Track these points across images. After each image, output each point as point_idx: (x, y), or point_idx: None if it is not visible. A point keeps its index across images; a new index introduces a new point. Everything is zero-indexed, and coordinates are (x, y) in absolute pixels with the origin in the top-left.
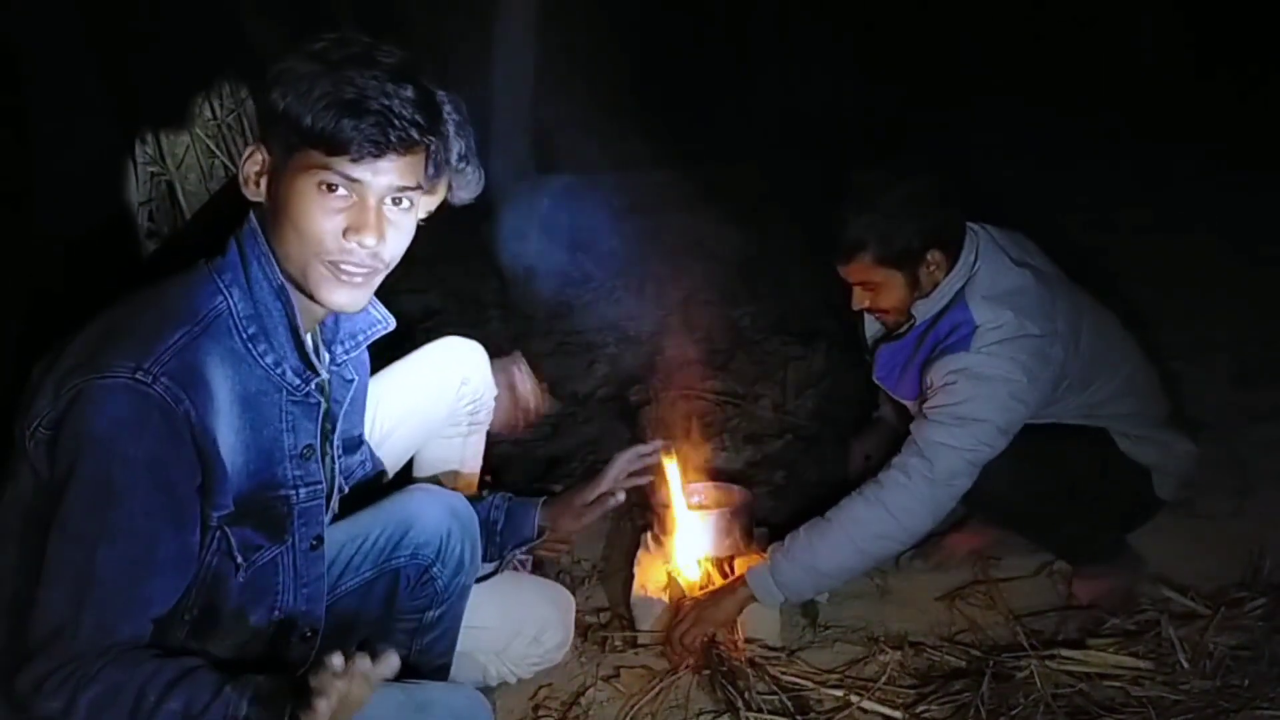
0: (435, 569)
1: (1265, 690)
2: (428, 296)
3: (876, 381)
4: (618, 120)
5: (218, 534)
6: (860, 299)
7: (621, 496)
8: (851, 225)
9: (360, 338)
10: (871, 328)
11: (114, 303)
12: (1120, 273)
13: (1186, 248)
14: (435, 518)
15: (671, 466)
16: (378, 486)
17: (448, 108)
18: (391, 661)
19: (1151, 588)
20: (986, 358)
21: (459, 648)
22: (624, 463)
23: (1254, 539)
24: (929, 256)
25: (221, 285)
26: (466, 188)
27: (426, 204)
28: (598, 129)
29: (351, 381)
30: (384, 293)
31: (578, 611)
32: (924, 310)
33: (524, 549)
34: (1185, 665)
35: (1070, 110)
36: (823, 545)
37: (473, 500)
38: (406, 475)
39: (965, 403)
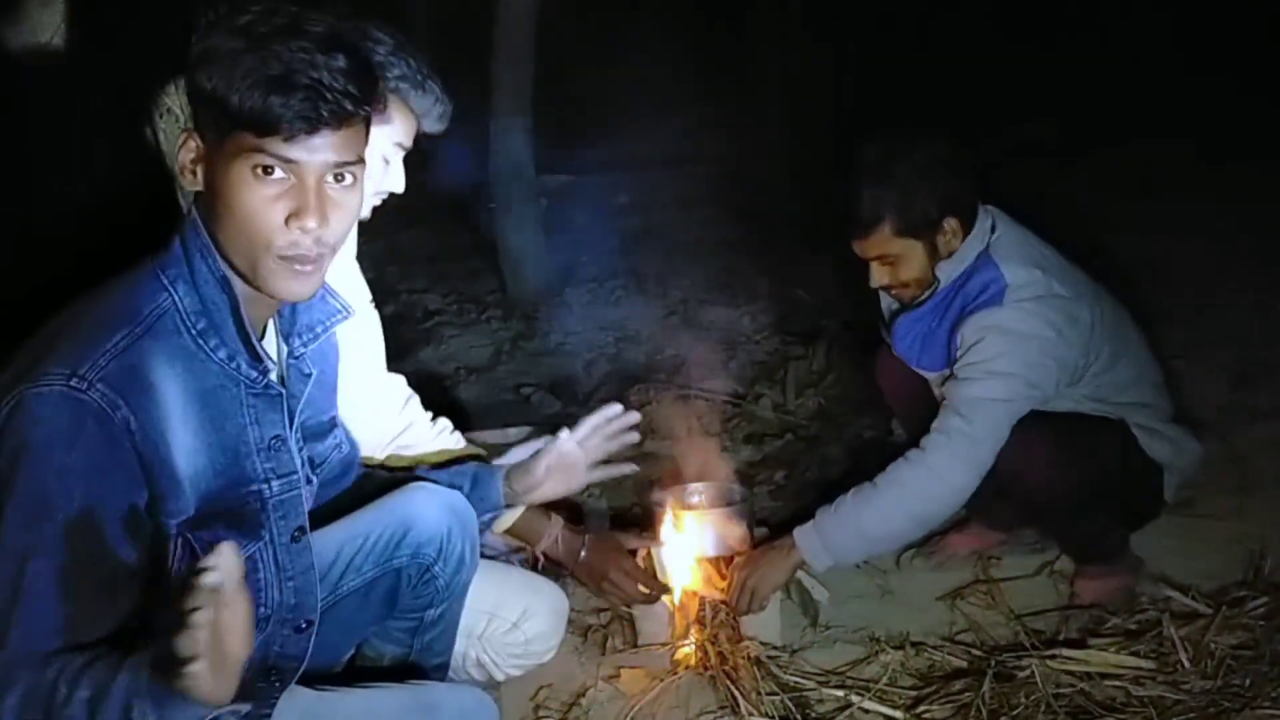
0: (436, 567)
1: (1267, 690)
2: (428, 296)
3: (898, 355)
4: (617, 120)
5: (179, 541)
6: (879, 275)
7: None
8: (867, 198)
9: (319, 329)
10: (886, 301)
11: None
12: (1120, 272)
13: (1186, 246)
14: (435, 516)
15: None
16: (375, 486)
17: (375, 46)
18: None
19: (1153, 587)
20: (1019, 313)
21: None
22: (589, 429)
23: (1255, 538)
24: (946, 224)
25: (165, 281)
26: (428, 114)
27: (396, 137)
28: (598, 129)
29: (309, 375)
30: (384, 292)
31: (577, 611)
32: (948, 272)
33: (490, 516)
34: (1187, 665)
35: (1067, 108)
36: (869, 509)
37: (435, 469)
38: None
39: (997, 358)
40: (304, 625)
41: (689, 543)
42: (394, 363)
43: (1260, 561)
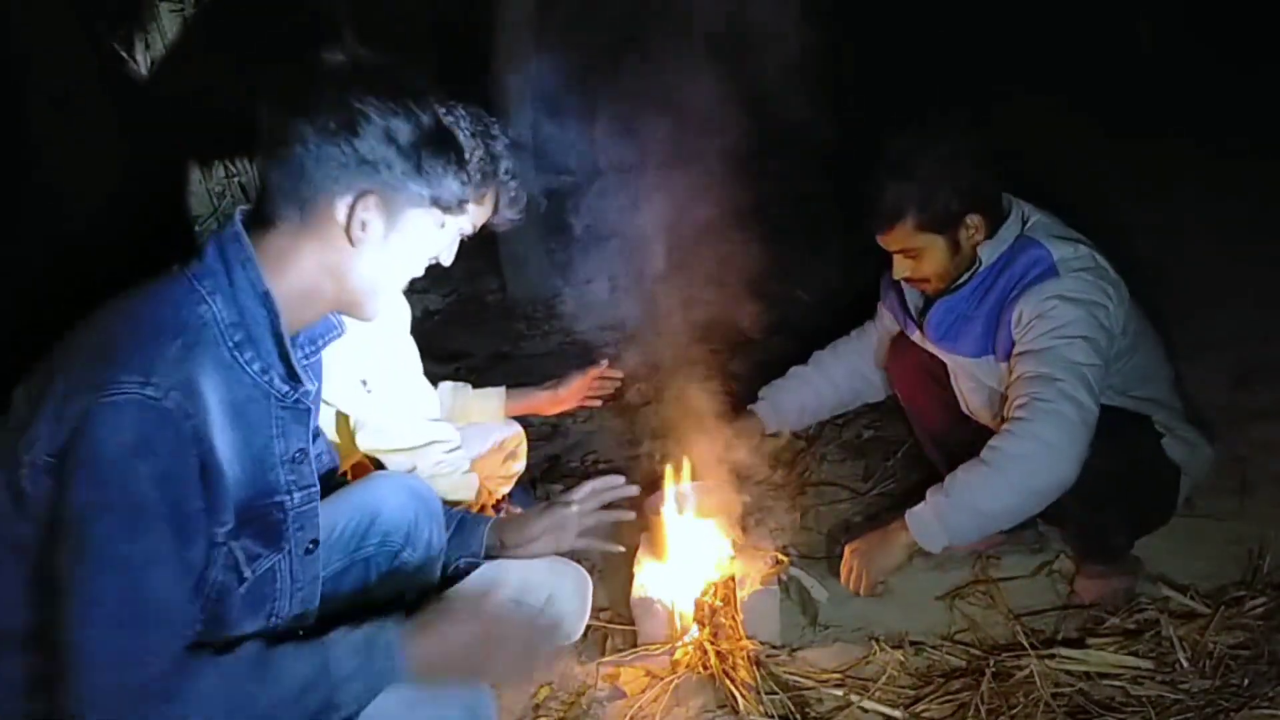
0: (405, 553)
1: (1265, 689)
2: (428, 297)
3: (929, 345)
4: (619, 119)
5: (224, 549)
6: (902, 267)
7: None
8: (889, 193)
9: (319, 343)
10: (912, 295)
11: (87, 316)
12: (1121, 272)
13: (1187, 246)
14: (400, 503)
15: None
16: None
17: (495, 140)
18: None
19: (1151, 587)
20: (1078, 282)
21: None
22: (588, 492)
23: (1254, 538)
24: (968, 220)
25: (203, 293)
26: (508, 209)
27: (477, 219)
28: (598, 128)
29: (311, 389)
30: None
31: None
32: (990, 252)
33: (467, 563)
34: (1185, 664)
35: (1068, 104)
36: (984, 487)
37: None
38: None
39: (1072, 323)
40: (300, 635)
41: (686, 549)
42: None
43: (1259, 561)
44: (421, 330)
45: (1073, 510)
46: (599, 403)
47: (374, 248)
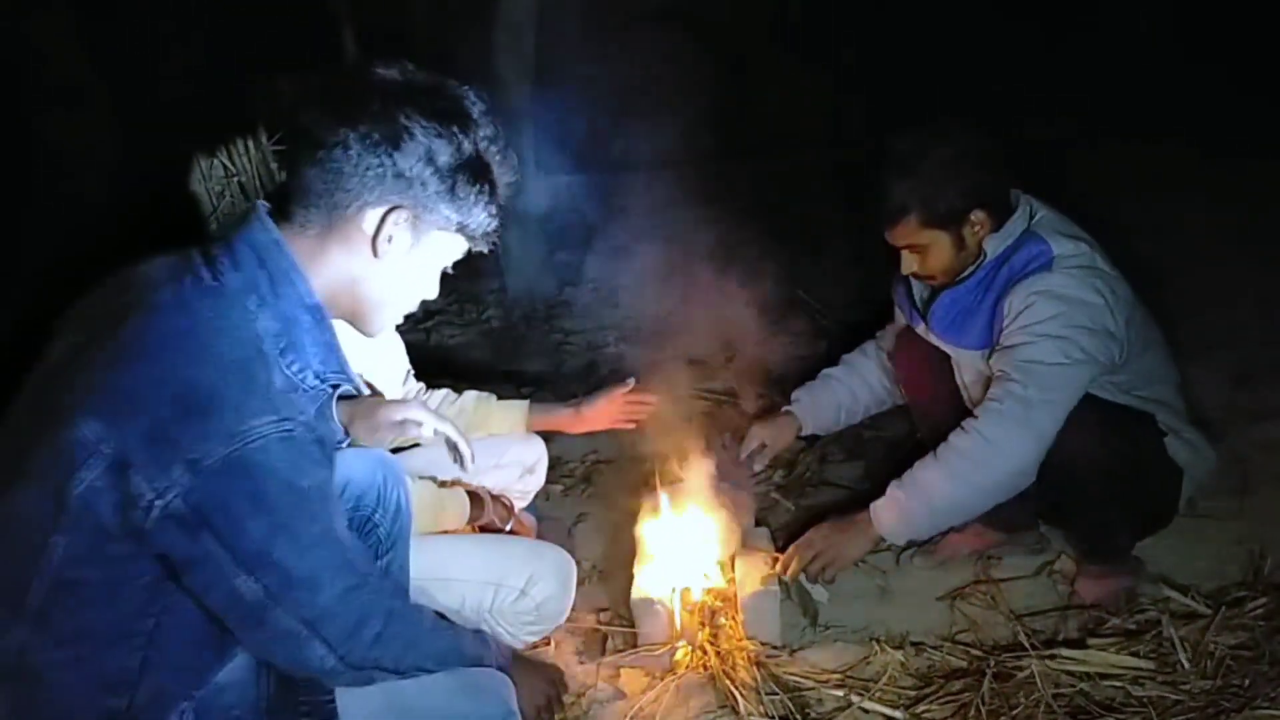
0: (377, 516)
1: (1266, 690)
2: None
3: (933, 337)
4: (618, 120)
5: None
6: (909, 263)
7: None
8: (894, 190)
9: None
10: (918, 287)
11: (145, 343)
12: (1121, 272)
13: (1186, 246)
14: (368, 468)
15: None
16: None
17: (473, 104)
18: None
19: (1152, 587)
20: (1069, 279)
21: (446, 606)
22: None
23: (1255, 538)
24: (973, 216)
25: (254, 311)
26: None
27: None
28: (598, 129)
29: None
30: None
31: (577, 611)
32: (995, 245)
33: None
34: (1186, 665)
35: (1066, 104)
36: (932, 481)
37: None
38: None
39: (1049, 320)
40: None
41: (691, 549)
42: None
43: (1260, 562)
44: (421, 330)
45: (1076, 507)
46: (631, 425)
47: (395, 263)
